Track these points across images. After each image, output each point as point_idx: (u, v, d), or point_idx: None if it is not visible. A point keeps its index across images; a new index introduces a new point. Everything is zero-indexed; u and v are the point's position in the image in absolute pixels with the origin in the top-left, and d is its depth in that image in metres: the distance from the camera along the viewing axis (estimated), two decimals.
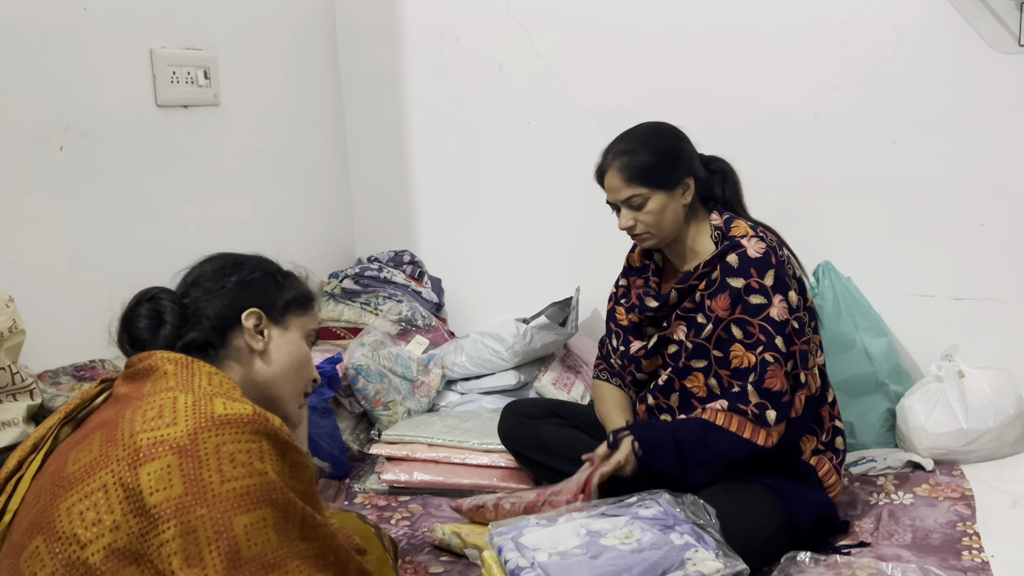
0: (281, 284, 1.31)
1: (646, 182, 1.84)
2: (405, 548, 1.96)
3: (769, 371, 1.78)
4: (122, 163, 2.19)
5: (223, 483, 1.00)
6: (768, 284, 1.80)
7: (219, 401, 1.07)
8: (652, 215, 1.86)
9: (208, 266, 1.30)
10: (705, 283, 1.86)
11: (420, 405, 2.63)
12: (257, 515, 1.01)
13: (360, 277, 3.03)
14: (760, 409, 1.77)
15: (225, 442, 1.03)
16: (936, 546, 1.87)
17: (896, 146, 2.50)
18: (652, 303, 1.95)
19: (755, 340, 1.79)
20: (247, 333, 1.24)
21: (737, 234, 1.86)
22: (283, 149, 2.84)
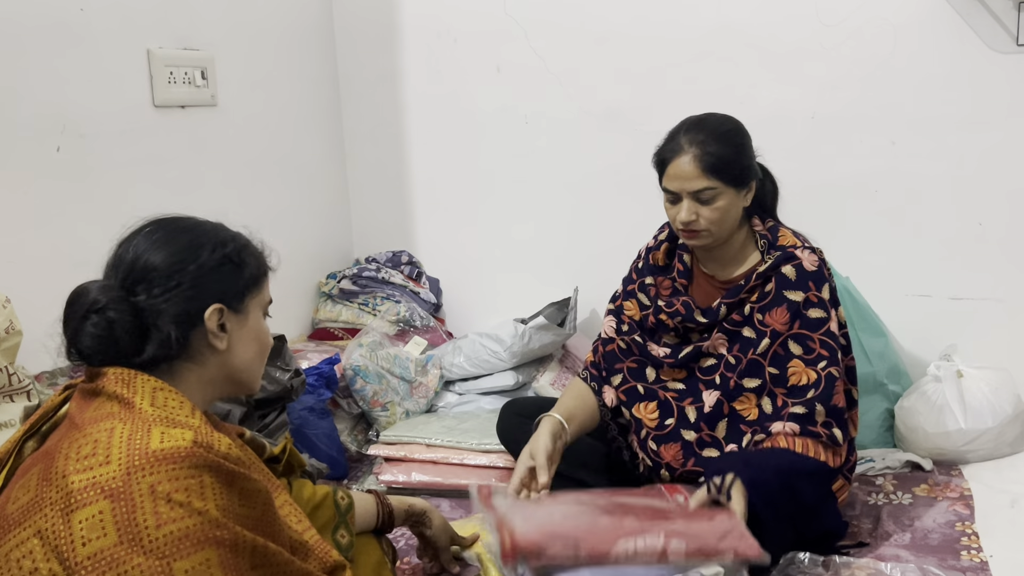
0: (238, 264, 1.17)
1: (722, 176, 1.72)
2: (403, 549, 1.95)
3: (836, 387, 1.73)
4: (119, 163, 2.19)
5: (159, 527, 0.94)
6: (826, 298, 1.75)
7: (157, 432, 1.00)
8: (719, 212, 1.73)
9: (159, 251, 1.12)
10: (757, 295, 1.78)
11: (418, 406, 2.62)
12: (199, 558, 0.95)
13: (358, 278, 3.03)
14: (828, 429, 1.71)
15: (160, 481, 0.96)
16: (935, 546, 1.86)
17: (894, 146, 2.50)
18: (701, 318, 1.82)
19: (816, 355, 1.73)
20: (210, 334, 1.13)
21: (786, 243, 1.80)
22: (280, 149, 2.84)
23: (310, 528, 1.22)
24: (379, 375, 2.55)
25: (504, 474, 2.23)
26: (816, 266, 1.78)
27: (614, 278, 2.15)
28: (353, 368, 2.52)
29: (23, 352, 1.80)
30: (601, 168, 2.83)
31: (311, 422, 2.28)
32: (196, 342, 1.13)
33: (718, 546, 1.47)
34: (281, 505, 1.22)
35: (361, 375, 2.51)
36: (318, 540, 1.21)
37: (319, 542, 1.20)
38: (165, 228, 1.16)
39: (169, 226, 1.16)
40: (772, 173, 1.92)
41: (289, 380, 2.13)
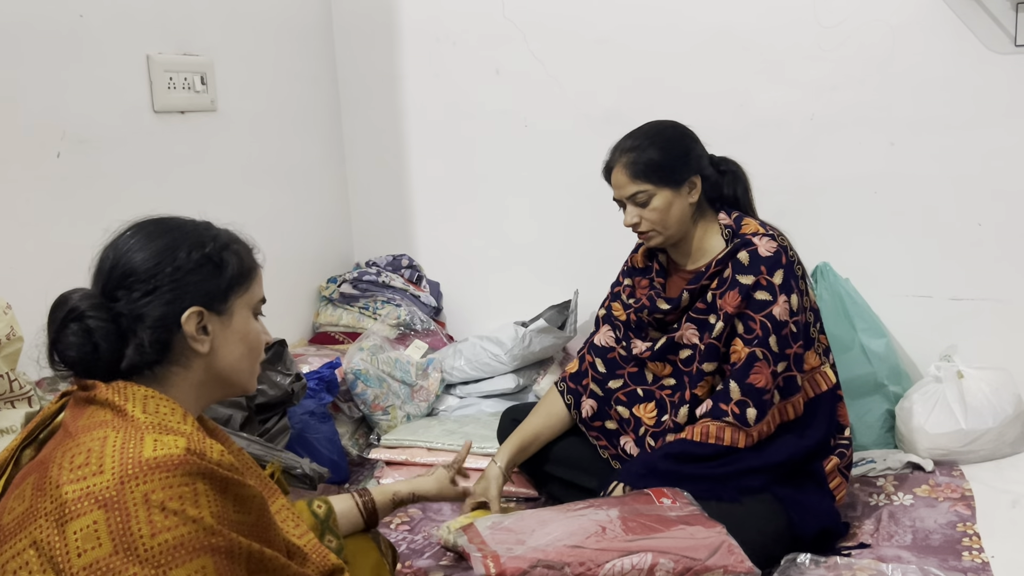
0: (219, 264, 1.14)
1: (651, 178, 1.84)
2: (405, 553, 1.95)
3: (756, 367, 1.78)
4: (119, 169, 2.19)
5: (154, 536, 0.94)
6: (776, 283, 1.80)
7: (150, 439, 0.99)
8: (657, 212, 1.85)
9: (137, 254, 1.10)
10: (717, 282, 1.85)
11: (419, 409, 2.63)
12: (195, 565, 0.95)
13: (358, 282, 3.03)
14: (740, 408, 1.77)
15: (154, 489, 0.95)
16: (936, 547, 1.87)
17: (893, 147, 2.51)
18: (663, 305, 1.92)
19: (753, 336, 1.80)
20: (189, 338, 1.11)
21: (748, 231, 1.86)
22: (280, 154, 2.85)
23: (307, 533, 1.22)
24: (380, 379, 2.55)
25: None
26: (772, 251, 1.82)
27: (612, 280, 2.16)
28: (354, 372, 2.52)
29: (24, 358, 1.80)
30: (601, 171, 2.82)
31: (312, 426, 2.28)
32: (179, 346, 1.11)
33: (707, 563, 1.48)
34: (278, 511, 1.22)
35: (362, 379, 2.52)
36: (315, 545, 1.21)
37: (316, 547, 1.20)
38: (144, 230, 1.14)
39: (148, 228, 1.14)
40: (742, 169, 1.96)
41: (290, 384, 2.13)
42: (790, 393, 1.84)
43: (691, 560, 1.47)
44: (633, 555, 1.45)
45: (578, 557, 1.44)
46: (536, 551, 1.46)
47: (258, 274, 1.22)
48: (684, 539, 1.52)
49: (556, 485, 2.07)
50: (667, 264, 2.01)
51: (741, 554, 1.51)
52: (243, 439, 1.90)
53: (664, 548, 1.47)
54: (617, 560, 1.44)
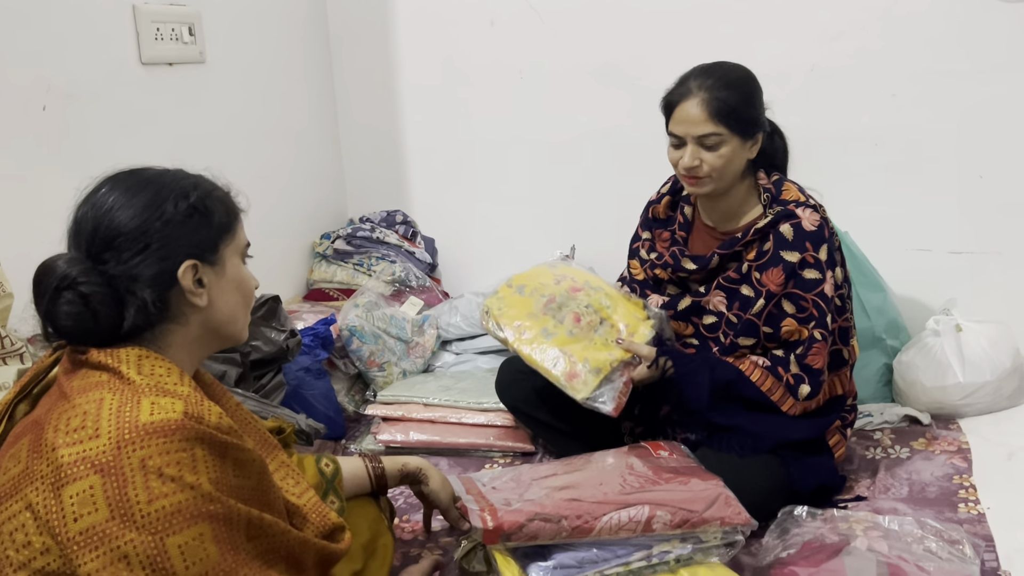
0: (206, 213, 1.12)
1: (729, 122, 1.72)
2: (402, 507, 1.97)
3: (815, 348, 1.76)
4: (106, 122, 2.16)
5: (151, 502, 0.94)
6: (823, 259, 1.75)
7: (147, 402, 0.98)
8: (722, 160, 1.74)
9: (121, 212, 1.06)
10: (755, 253, 1.79)
11: (415, 366, 2.63)
12: (193, 532, 0.95)
13: (352, 238, 3.01)
14: (796, 381, 1.76)
15: (151, 455, 0.95)
16: (932, 499, 1.88)
17: (895, 98, 2.48)
18: (690, 265, 1.86)
19: (808, 315, 1.76)
20: (187, 292, 1.09)
21: (789, 199, 1.80)
22: (271, 107, 2.81)
23: (308, 491, 1.22)
24: (375, 335, 2.55)
25: (502, 432, 2.24)
26: (816, 225, 1.77)
27: (611, 235, 2.15)
28: (349, 329, 2.51)
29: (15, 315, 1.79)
30: (598, 123, 2.80)
31: (308, 383, 2.29)
32: (175, 302, 1.09)
33: (704, 515, 1.49)
34: (276, 469, 1.22)
35: (357, 335, 2.51)
36: (316, 503, 1.20)
37: (316, 505, 1.20)
38: (122, 185, 1.09)
39: (126, 182, 1.10)
40: (782, 131, 1.90)
41: (284, 341, 2.13)
42: (837, 367, 1.84)
43: (688, 512, 1.48)
44: (630, 508, 1.46)
45: (575, 510, 1.45)
46: (533, 504, 1.47)
47: (240, 218, 1.19)
48: (681, 491, 1.53)
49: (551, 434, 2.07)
50: (692, 218, 1.94)
51: (738, 506, 1.53)
52: (238, 395, 1.90)
53: (661, 500, 1.48)
54: (614, 513, 1.45)
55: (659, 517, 1.46)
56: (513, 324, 1.84)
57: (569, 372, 1.75)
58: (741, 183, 1.83)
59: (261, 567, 1.01)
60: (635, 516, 1.45)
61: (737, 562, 1.59)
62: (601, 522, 1.44)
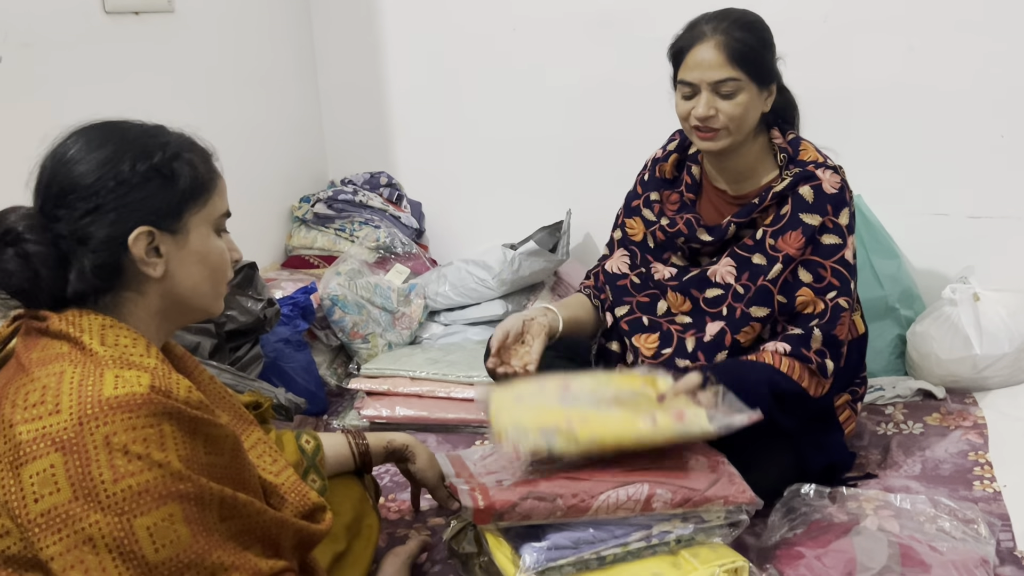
0: (169, 176, 1.08)
1: (747, 68, 1.67)
2: (388, 486, 1.97)
3: (842, 318, 1.72)
4: (68, 75, 2.13)
5: (116, 481, 0.93)
6: (843, 224, 1.73)
7: (110, 376, 0.97)
8: (740, 108, 1.68)
9: (77, 167, 1.04)
10: (772, 218, 1.75)
11: (401, 338, 2.62)
12: (162, 513, 0.94)
13: (333, 201, 2.99)
14: (820, 357, 1.71)
15: (116, 432, 0.93)
16: (946, 477, 1.89)
17: (912, 52, 2.46)
18: (705, 236, 1.80)
19: (826, 284, 1.72)
20: (139, 261, 1.07)
21: (807, 159, 1.77)
22: (246, 60, 2.77)
23: (286, 469, 1.21)
24: (359, 305, 2.54)
25: None
26: (837, 187, 1.74)
27: (609, 199, 2.13)
28: (331, 298, 2.50)
29: None
30: (595, 79, 2.78)
31: (287, 355, 2.28)
32: (130, 270, 1.07)
33: (706, 494, 1.49)
34: (252, 446, 1.21)
35: (339, 305, 2.50)
36: (294, 482, 1.19)
37: (295, 484, 1.19)
38: (86, 138, 1.07)
39: (90, 135, 1.07)
40: (790, 90, 1.87)
41: (262, 310, 2.11)
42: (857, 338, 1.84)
43: (690, 490, 1.48)
44: (629, 486, 1.46)
45: (571, 488, 1.45)
46: (527, 483, 1.47)
47: (218, 185, 1.16)
48: (683, 468, 1.53)
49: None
50: (700, 179, 1.89)
51: (742, 484, 1.53)
52: (213, 368, 1.89)
53: (661, 478, 1.48)
54: (612, 491, 1.45)
55: (659, 496, 1.46)
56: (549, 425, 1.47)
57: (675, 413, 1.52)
58: (755, 141, 1.78)
59: (236, 548, 1.01)
60: (633, 494, 1.45)
61: (741, 542, 1.60)
62: (598, 501, 1.44)
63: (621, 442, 1.46)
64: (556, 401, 1.53)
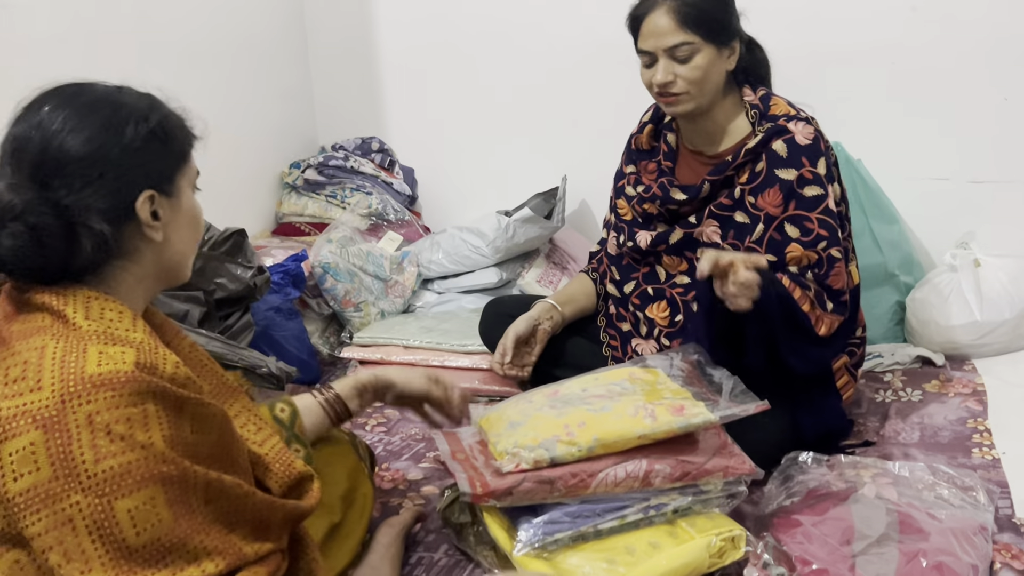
0: (165, 139, 1.08)
1: (700, 29, 1.68)
2: (382, 455, 1.97)
3: (836, 268, 1.73)
4: (42, 36, 2.09)
5: (98, 462, 0.92)
6: (822, 173, 1.72)
7: (94, 351, 0.96)
8: (700, 70, 1.70)
9: (74, 136, 1.01)
10: (747, 175, 1.76)
11: (394, 306, 2.62)
12: (143, 496, 0.93)
13: (324, 167, 2.97)
14: (818, 297, 1.72)
15: (99, 410, 0.92)
16: (945, 444, 1.90)
17: (915, 12, 2.44)
18: (679, 195, 1.82)
19: (815, 236, 1.72)
20: (145, 226, 1.06)
21: (778, 113, 1.76)
22: (233, 22, 2.74)
23: (271, 437, 1.20)
24: (351, 273, 2.53)
25: (487, 376, 2.24)
26: (811, 138, 1.74)
27: (606, 165, 2.11)
28: (322, 266, 2.49)
29: None
30: (593, 42, 2.74)
31: (278, 323, 2.27)
32: (129, 236, 1.06)
33: (706, 466, 1.49)
34: (237, 414, 1.19)
35: (331, 273, 2.49)
36: (279, 452, 1.18)
37: (280, 453, 1.18)
38: (73, 102, 1.04)
39: (76, 100, 1.04)
40: (761, 44, 1.86)
41: (252, 278, 2.10)
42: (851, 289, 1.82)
43: (689, 464, 1.48)
44: (627, 462, 1.46)
45: (569, 468, 1.44)
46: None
47: (195, 144, 1.16)
48: (681, 441, 1.52)
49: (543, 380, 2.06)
50: (677, 145, 1.91)
51: (742, 455, 1.53)
52: (202, 336, 1.89)
53: (660, 452, 1.48)
54: (610, 469, 1.45)
55: (658, 471, 1.46)
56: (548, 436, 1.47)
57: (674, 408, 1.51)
58: (723, 100, 1.79)
59: (220, 531, 1.00)
60: (632, 471, 1.45)
61: (738, 511, 1.60)
62: (597, 479, 1.44)
63: (622, 442, 1.46)
64: (549, 411, 1.52)
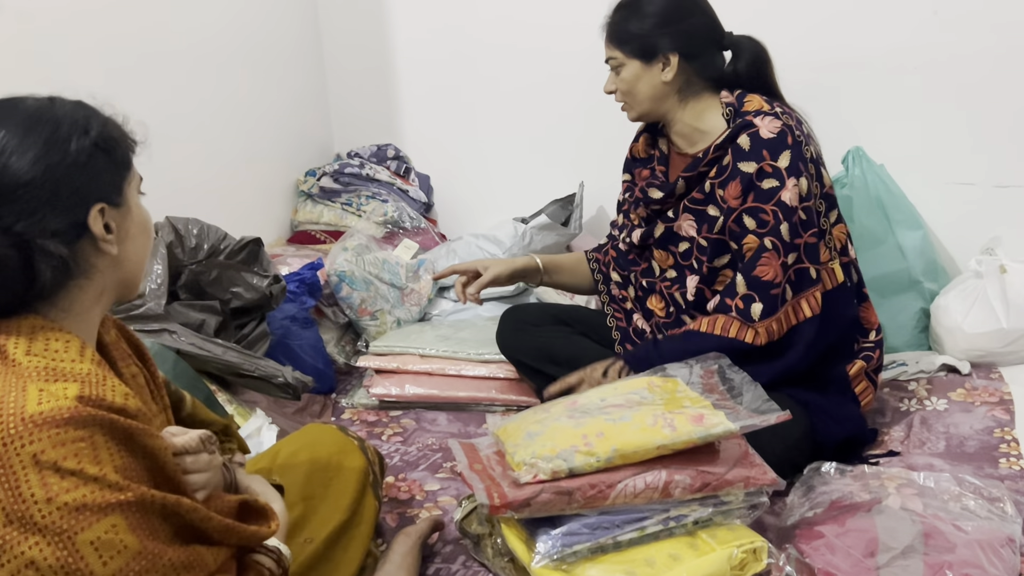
0: (107, 149, 1.04)
1: (622, 47, 1.87)
2: (398, 465, 1.97)
3: (764, 258, 1.77)
4: (62, 45, 2.11)
5: (51, 500, 0.89)
6: (782, 166, 1.77)
7: (34, 389, 0.93)
8: (626, 83, 1.89)
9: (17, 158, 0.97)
10: (716, 170, 1.83)
11: (410, 314, 2.62)
12: (104, 525, 0.91)
13: (340, 175, 2.98)
14: (745, 303, 1.78)
15: (44, 449, 0.90)
16: (971, 454, 1.88)
17: (937, 16, 2.43)
18: (656, 194, 1.92)
19: (770, 227, 1.78)
20: (99, 240, 1.02)
21: (750, 109, 1.82)
22: (248, 30, 2.76)
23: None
24: (366, 281, 2.54)
25: (504, 385, 2.24)
26: (775, 132, 1.78)
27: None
28: (338, 274, 2.50)
29: None
30: None
31: (294, 332, 2.28)
32: (83, 255, 1.02)
33: (727, 477, 1.48)
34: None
35: (347, 281, 2.50)
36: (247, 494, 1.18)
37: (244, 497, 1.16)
38: (8, 122, 0.99)
39: (11, 118, 1.00)
40: (762, 48, 1.89)
41: (267, 287, 2.11)
42: (803, 287, 1.81)
43: (709, 474, 1.47)
44: (647, 473, 1.45)
45: (588, 479, 1.44)
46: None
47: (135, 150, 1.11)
48: (701, 452, 1.51)
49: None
50: (668, 151, 2.00)
51: (763, 465, 1.52)
52: (219, 346, 1.90)
53: (680, 463, 1.47)
54: (630, 479, 1.44)
55: (678, 482, 1.45)
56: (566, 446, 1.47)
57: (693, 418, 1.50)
58: (684, 106, 1.88)
59: (182, 545, 0.99)
60: (652, 482, 1.44)
61: (760, 522, 1.60)
62: (616, 490, 1.43)
63: (641, 452, 1.45)
64: (567, 421, 1.52)
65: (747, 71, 1.88)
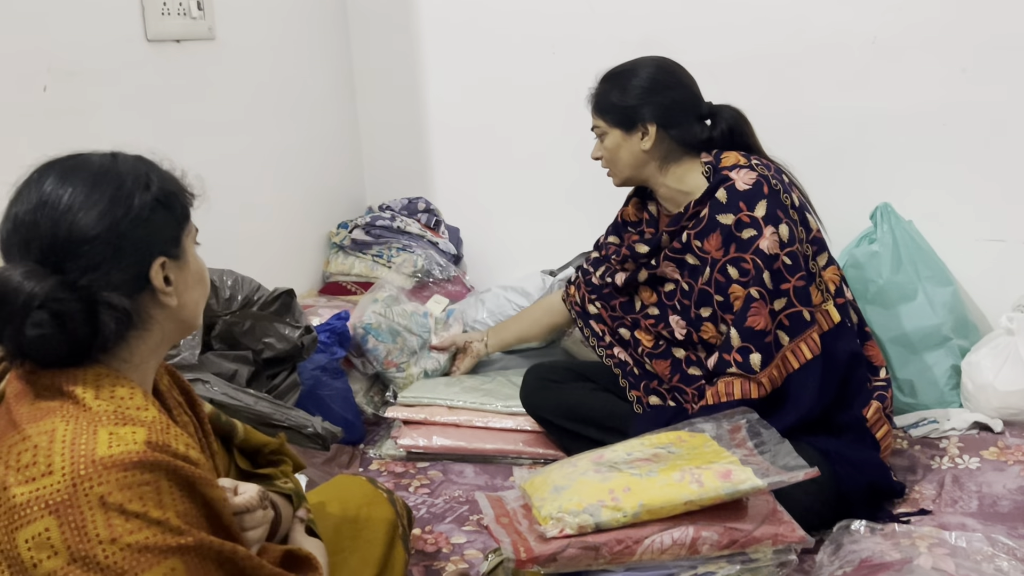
0: (167, 204, 1.08)
1: (604, 117, 1.99)
2: (425, 517, 1.98)
3: (753, 307, 1.82)
4: (111, 103, 2.19)
5: (114, 540, 0.92)
6: (759, 215, 1.83)
7: (104, 433, 0.96)
8: (607, 151, 2.01)
9: (84, 213, 1.00)
10: (694, 222, 1.91)
11: (438, 365, 2.64)
12: (164, 568, 0.94)
13: (371, 227, 3.03)
14: (743, 355, 1.81)
15: (111, 491, 0.93)
16: (1005, 514, 1.87)
17: (965, 73, 2.45)
18: (643, 248, 2.03)
19: (750, 277, 1.83)
20: (159, 293, 1.06)
21: (727, 164, 1.90)
22: (285, 87, 2.83)
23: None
24: (394, 332, 2.56)
25: (531, 438, 2.25)
26: (750, 183, 1.85)
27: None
28: (364, 327, 2.52)
29: None
30: None
31: (324, 382, 2.31)
32: (144, 306, 1.06)
33: (754, 534, 1.48)
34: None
35: (373, 334, 2.52)
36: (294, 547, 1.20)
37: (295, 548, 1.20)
38: (74, 178, 1.03)
39: (77, 174, 1.04)
40: (741, 115, 1.98)
41: (299, 338, 2.15)
42: (799, 331, 1.83)
43: (737, 531, 1.47)
44: (674, 529, 1.45)
45: (615, 535, 1.44)
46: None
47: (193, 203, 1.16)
48: (729, 508, 1.51)
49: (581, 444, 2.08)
50: (658, 213, 2.08)
51: (791, 522, 1.51)
52: (250, 396, 1.93)
53: (707, 519, 1.48)
54: (657, 535, 1.44)
55: (705, 538, 1.45)
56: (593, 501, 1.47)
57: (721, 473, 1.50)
58: (665, 171, 1.97)
59: None
60: (679, 538, 1.44)
61: None
62: (643, 546, 1.44)
63: (668, 507, 1.45)
64: (594, 475, 1.53)
65: (725, 136, 1.98)
